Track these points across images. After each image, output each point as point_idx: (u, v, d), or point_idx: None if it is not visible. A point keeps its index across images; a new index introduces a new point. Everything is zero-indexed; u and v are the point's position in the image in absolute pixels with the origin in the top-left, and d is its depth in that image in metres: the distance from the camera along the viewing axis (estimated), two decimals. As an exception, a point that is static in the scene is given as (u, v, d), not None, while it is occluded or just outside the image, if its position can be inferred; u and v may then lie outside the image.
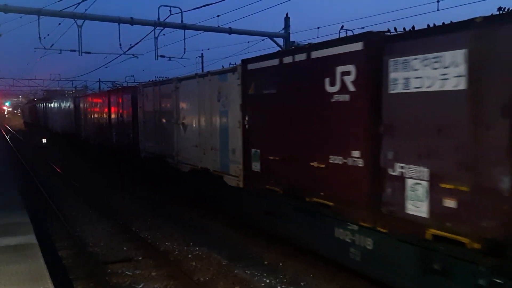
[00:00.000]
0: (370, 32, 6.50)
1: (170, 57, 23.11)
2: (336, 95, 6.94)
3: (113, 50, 26.89)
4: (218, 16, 17.04)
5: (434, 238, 5.48)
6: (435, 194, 5.45)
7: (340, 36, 9.29)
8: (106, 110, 19.68)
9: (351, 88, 6.67)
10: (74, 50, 18.40)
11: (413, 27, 6.06)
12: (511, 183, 4.67)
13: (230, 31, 17.69)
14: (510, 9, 4.94)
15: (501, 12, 4.96)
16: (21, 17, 15.46)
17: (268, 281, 7.53)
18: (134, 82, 40.50)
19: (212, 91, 10.75)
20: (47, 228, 10.81)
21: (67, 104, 30.16)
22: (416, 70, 5.64)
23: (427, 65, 5.49)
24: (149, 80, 18.08)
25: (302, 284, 7.38)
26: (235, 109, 9.74)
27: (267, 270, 7.98)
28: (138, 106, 15.78)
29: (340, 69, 6.83)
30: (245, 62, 9.41)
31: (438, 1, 14.09)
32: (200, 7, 14.42)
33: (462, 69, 5.09)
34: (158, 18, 16.17)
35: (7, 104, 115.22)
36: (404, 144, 5.88)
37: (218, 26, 17.48)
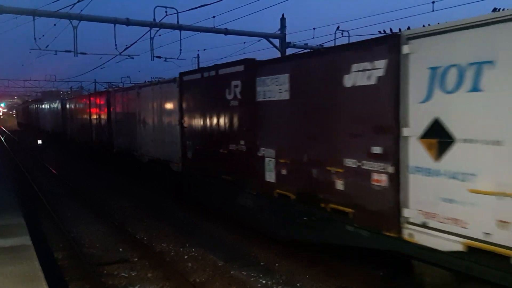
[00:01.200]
0: (248, 59, 9.43)
1: (166, 58, 23.03)
2: (231, 101, 9.89)
3: (109, 51, 26.99)
4: (214, 16, 16.97)
5: (278, 195, 8.43)
6: (277, 166, 8.41)
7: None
8: (88, 111, 22.57)
9: (239, 96, 9.61)
10: (70, 51, 18.13)
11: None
12: (308, 157, 7.60)
13: (226, 31, 17.72)
14: (504, 9, 5.07)
15: (496, 11, 5.10)
16: (16, 17, 15.55)
17: (264, 281, 7.54)
18: (130, 83, 41.15)
19: (161, 97, 13.69)
20: (42, 229, 10.78)
21: (55, 106, 33.05)
22: (268, 86, 8.58)
23: (273, 83, 8.43)
24: (145, 81, 18.79)
25: (298, 284, 7.44)
26: (176, 111, 12.66)
27: (263, 271, 8.00)
28: (111, 108, 18.68)
29: (233, 83, 9.78)
30: (181, 74, 12.36)
31: (433, 2, 14.71)
32: (196, 7, 14.62)
33: (287, 86, 8.04)
34: (154, 19, 16.21)
35: (2, 105, 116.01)
36: (264, 135, 8.83)
37: (214, 26, 17.47)
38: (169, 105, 13.17)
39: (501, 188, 4.69)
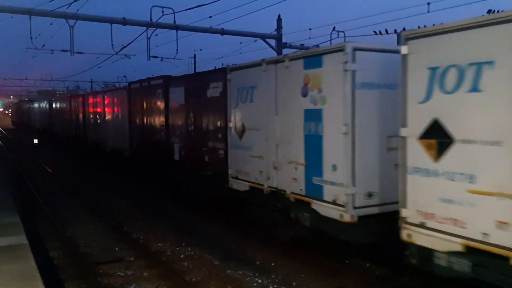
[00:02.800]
0: (165, 75, 13.58)
1: (162, 58, 23.12)
2: (158, 103, 13.99)
3: (105, 51, 26.13)
4: (210, 17, 17.13)
5: (187, 172, 12.51)
6: (180, 150, 12.53)
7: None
8: (69, 110, 26.67)
9: (161, 101, 13.72)
10: (66, 50, 17.98)
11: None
12: (194, 143, 11.68)
13: (223, 32, 17.98)
14: (499, 11, 5.30)
15: (490, 13, 5.39)
16: (12, 16, 15.72)
17: (260, 281, 7.55)
18: (126, 82, 42.34)
19: (118, 100, 17.87)
20: (38, 228, 10.75)
21: (44, 105, 37.17)
22: (175, 94, 12.69)
23: (177, 92, 12.53)
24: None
25: (294, 284, 7.42)
26: (126, 111, 16.77)
27: (259, 270, 8.01)
28: (85, 108, 22.79)
29: (158, 91, 13.91)
30: (129, 84, 16.59)
31: (428, 4, 15.02)
32: (193, 7, 15.03)
33: (183, 95, 12.15)
34: (151, 19, 16.32)
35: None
36: (173, 129, 12.94)
37: (211, 27, 17.68)
38: (122, 107, 17.31)
39: (259, 153, 8.81)
